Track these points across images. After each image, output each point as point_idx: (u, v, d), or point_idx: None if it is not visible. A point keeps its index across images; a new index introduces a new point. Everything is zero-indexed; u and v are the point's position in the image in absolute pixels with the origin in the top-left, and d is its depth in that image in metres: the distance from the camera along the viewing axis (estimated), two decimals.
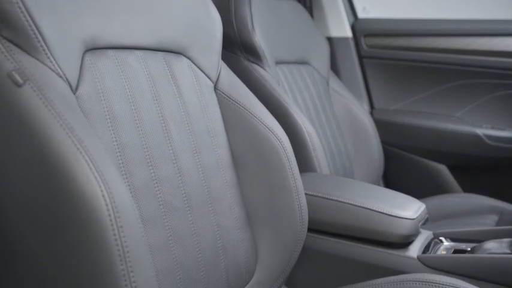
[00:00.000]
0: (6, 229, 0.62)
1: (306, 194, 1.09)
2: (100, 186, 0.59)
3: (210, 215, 0.89)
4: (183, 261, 0.81)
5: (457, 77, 1.83)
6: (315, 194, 1.09)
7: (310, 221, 1.07)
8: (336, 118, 1.70)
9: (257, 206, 0.97)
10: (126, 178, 0.74)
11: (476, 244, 1.06)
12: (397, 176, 1.90)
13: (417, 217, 1.04)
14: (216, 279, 0.87)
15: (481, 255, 0.97)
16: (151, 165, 0.79)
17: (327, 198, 1.08)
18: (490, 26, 1.79)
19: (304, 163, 1.26)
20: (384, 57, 1.92)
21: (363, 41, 1.95)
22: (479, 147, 1.74)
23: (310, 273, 1.11)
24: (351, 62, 1.95)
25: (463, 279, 0.96)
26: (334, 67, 1.94)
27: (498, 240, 1.03)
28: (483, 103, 1.80)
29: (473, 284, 0.89)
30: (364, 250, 1.05)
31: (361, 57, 1.96)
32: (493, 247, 1.00)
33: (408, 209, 1.05)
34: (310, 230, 1.09)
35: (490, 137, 1.73)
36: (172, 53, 0.92)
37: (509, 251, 0.98)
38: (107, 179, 0.60)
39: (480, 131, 1.74)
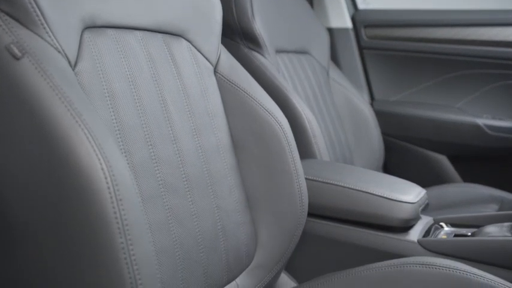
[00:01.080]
0: (4, 203, 0.62)
1: (306, 178, 1.08)
2: (99, 159, 0.58)
3: (210, 197, 0.88)
4: (182, 241, 0.80)
5: (458, 67, 1.82)
6: (314, 178, 1.09)
7: (310, 205, 1.07)
8: (336, 108, 1.69)
9: (257, 190, 0.97)
10: (125, 156, 0.74)
11: (477, 229, 1.06)
12: (397, 166, 1.90)
13: (418, 201, 1.04)
14: (216, 261, 0.87)
15: (482, 238, 0.97)
16: (151, 145, 0.79)
17: (327, 183, 1.07)
18: (490, 16, 1.78)
19: (304, 150, 1.26)
20: (384, 48, 1.92)
21: (363, 32, 1.95)
22: (480, 137, 1.73)
23: (310, 258, 1.10)
24: (351, 53, 1.94)
25: (464, 263, 0.95)
26: (334, 58, 1.93)
27: (499, 224, 1.03)
28: (483, 93, 1.80)
29: (474, 267, 0.88)
30: (364, 234, 1.05)
31: (361, 48, 1.95)
32: (494, 231, 1.00)
33: (408, 193, 1.05)
34: (310, 214, 1.09)
35: (490, 127, 1.73)
36: (171, 35, 0.91)
37: (509, 235, 0.98)
38: (106, 153, 0.59)
39: (480, 121, 1.74)
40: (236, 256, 0.92)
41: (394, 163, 1.91)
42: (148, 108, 0.81)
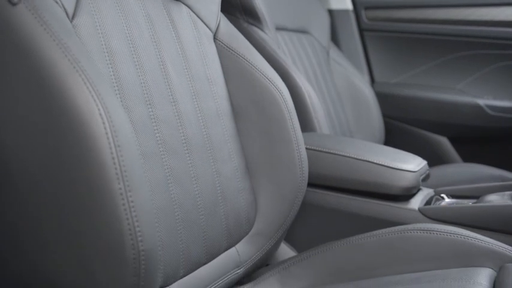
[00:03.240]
0: (2, 150, 0.61)
1: (306, 148, 1.07)
2: (97, 105, 0.58)
3: (209, 161, 0.88)
4: (182, 202, 0.80)
5: (458, 48, 1.81)
6: (315, 148, 1.08)
7: (310, 175, 1.06)
8: (336, 88, 1.69)
9: (257, 157, 0.96)
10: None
11: (478, 199, 1.05)
12: (397, 148, 1.89)
13: (419, 170, 1.04)
14: (216, 225, 0.87)
15: (483, 204, 0.97)
16: (150, 104, 0.78)
17: (327, 152, 1.07)
18: None
19: (304, 124, 1.25)
20: (385, 30, 1.91)
21: (363, 14, 1.94)
22: (481, 118, 1.73)
23: (311, 228, 1.10)
24: (351, 35, 1.93)
25: (465, 229, 0.95)
26: (335, 40, 1.93)
27: (500, 193, 1.02)
28: (484, 74, 1.79)
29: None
30: (365, 203, 1.04)
31: (361, 30, 1.94)
32: (495, 199, 1.00)
33: (409, 162, 1.05)
34: (310, 184, 1.08)
35: (491, 107, 1.72)
36: (171, 0, 0.91)
37: (511, 202, 0.97)
38: (104, 99, 0.59)
39: (482, 102, 1.73)
40: (236, 222, 0.91)
41: (395, 145, 1.89)
42: (147, 68, 0.80)
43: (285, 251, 1.09)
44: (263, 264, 1.01)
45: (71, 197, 0.59)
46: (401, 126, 1.87)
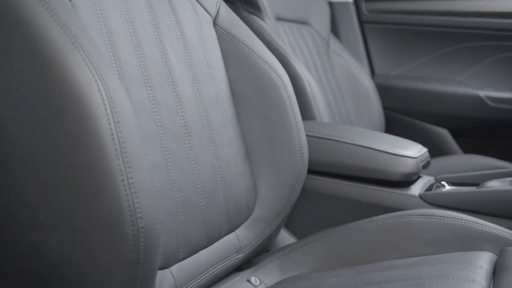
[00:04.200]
0: (1, 128, 0.61)
1: (306, 135, 1.07)
2: (96, 81, 0.58)
3: (209, 146, 0.87)
4: (181, 185, 0.79)
5: (459, 40, 1.81)
6: (315, 134, 1.08)
7: (310, 162, 1.06)
8: (336, 80, 1.68)
9: (257, 143, 0.96)
10: None
11: (478, 186, 1.05)
12: None
13: (419, 156, 1.03)
14: (216, 209, 0.86)
15: (483, 189, 0.96)
16: (149, 86, 0.78)
17: (327, 139, 1.06)
18: None
19: (305, 112, 1.25)
20: (385, 22, 1.91)
21: (363, 6, 1.93)
22: (482, 110, 1.73)
23: (311, 215, 1.10)
24: (351, 27, 1.93)
25: (466, 214, 0.95)
26: (335, 32, 1.92)
27: (500, 179, 1.02)
28: (485, 66, 1.79)
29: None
30: (365, 190, 1.04)
31: (361, 22, 1.94)
32: (495, 185, 0.99)
33: (410, 149, 1.04)
34: (310, 171, 1.08)
35: (492, 98, 1.72)
36: None
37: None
38: (103, 75, 0.58)
39: (482, 93, 1.73)
40: (236, 207, 0.91)
41: None
42: (146, 51, 0.80)
43: (285, 237, 1.09)
44: (263, 251, 1.01)
45: (70, 174, 0.58)
46: (402, 118, 1.87)
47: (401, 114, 1.87)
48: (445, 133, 1.81)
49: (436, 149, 1.81)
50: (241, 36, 0.98)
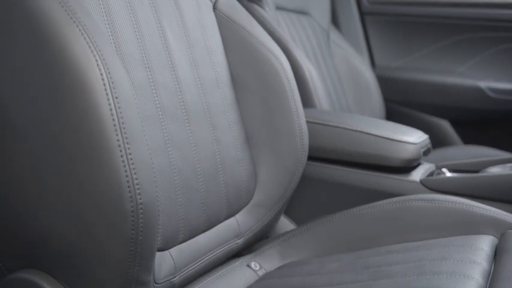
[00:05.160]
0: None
1: (307, 121, 1.07)
2: (95, 56, 0.57)
3: (209, 129, 0.87)
4: (181, 167, 0.79)
5: (460, 31, 1.80)
6: (315, 121, 1.07)
7: (310, 148, 1.06)
8: (336, 70, 1.68)
9: (257, 128, 0.96)
10: None
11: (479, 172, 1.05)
12: None
13: (420, 142, 1.03)
14: (215, 193, 0.86)
15: (485, 174, 0.96)
16: (148, 68, 0.78)
17: (327, 125, 1.06)
18: None
19: (305, 100, 1.24)
20: (386, 13, 1.90)
21: None
22: (482, 100, 1.72)
23: (311, 202, 1.09)
24: (352, 18, 1.92)
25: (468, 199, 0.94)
26: (335, 24, 1.91)
27: (501, 165, 1.02)
28: (486, 57, 1.78)
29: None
30: (366, 176, 1.03)
31: (362, 14, 1.93)
32: (496, 170, 0.99)
33: (410, 135, 1.04)
34: (311, 158, 1.07)
35: (493, 89, 1.71)
36: None
37: None
38: (102, 50, 0.58)
39: (483, 84, 1.72)
40: (235, 192, 0.91)
41: None
42: (145, 33, 0.79)
43: (285, 224, 1.09)
44: (263, 237, 1.00)
45: (69, 149, 0.58)
46: (402, 110, 1.86)
47: (402, 106, 1.86)
48: (445, 124, 1.81)
49: (436, 141, 1.81)
50: (241, 21, 0.97)
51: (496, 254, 0.78)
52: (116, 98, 0.57)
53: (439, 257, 0.75)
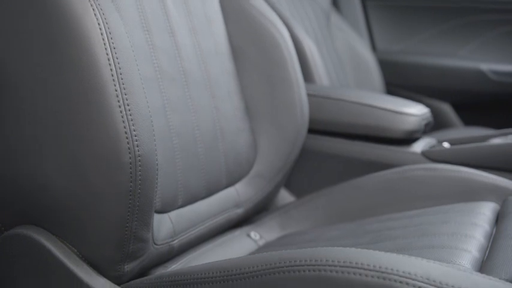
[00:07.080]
0: None
1: (307, 94, 1.06)
2: (92, 5, 0.56)
3: (208, 97, 0.86)
4: (179, 130, 0.78)
5: (461, 14, 1.79)
6: (316, 93, 1.06)
7: (311, 121, 1.05)
8: (337, 53, 1.67)
9: (257, 99, 0.95)
10: None
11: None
12: None
13: (421, 114, 1.02)
14: (215, 160, 0.85)
15: (486, 143, 0.95)
16: (147, 30, 0.77)
17: (328, 98, 1.05)
18: None
19: (305, 76, 1.23)
20: None
21: None
22: (484, 83, 1.71)
23: (312, 174, 1.08)
24: (352, 2, 1.91)
25: None
26: (336, 7, 1.90)
27: (503, 136, 1.01)
28: (487, 40, 1.77)
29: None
30: (367, 148, 1.03)
31: None
32: (498, 141, 0.98)
33: (412, 107, 1.03)
34: (311, 130, 1.07)
35: (494, 72, 1.70)
36: None
37: None
38: (100, 4, 0.57)
39: (485, 67, 1.71)
40: (235, 161, 0.90)
41: None
42: None
43: (286, 197, 1.08)
44: (263, 209, 1.00)
45: (66, 100, 0.57)
46: (403, 93, 1.85)
47: (403, 89, 1.85)
48: (446, 107, 1.80)
49: (438, 123, 1.80)
50: None
51: (498, 219, 0.77)
52: (114, 48, 0.57)
53: (441, 221, 0.75)
